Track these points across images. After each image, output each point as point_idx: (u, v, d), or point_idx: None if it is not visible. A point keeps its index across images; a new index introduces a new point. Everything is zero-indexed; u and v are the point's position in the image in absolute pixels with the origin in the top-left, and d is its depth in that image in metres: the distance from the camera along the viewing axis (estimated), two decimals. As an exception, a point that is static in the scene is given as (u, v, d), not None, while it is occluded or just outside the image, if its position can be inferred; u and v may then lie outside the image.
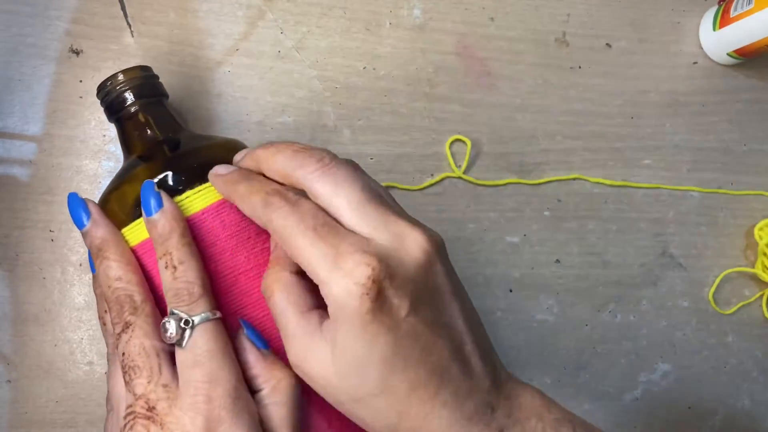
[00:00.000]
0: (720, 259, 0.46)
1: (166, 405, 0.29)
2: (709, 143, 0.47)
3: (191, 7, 0.43)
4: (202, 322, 0.29)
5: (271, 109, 0.43)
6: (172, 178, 0.32)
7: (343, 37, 0.44)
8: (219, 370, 0.29)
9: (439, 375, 0.28)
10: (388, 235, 0.27)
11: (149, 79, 0.36)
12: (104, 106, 0.36)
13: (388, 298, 0.26)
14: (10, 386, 0.40)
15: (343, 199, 0.28)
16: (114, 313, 0.31)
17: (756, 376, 0.45)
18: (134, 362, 0.30)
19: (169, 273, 0.30)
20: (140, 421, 0.29)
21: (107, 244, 0.32)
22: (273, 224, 0.28)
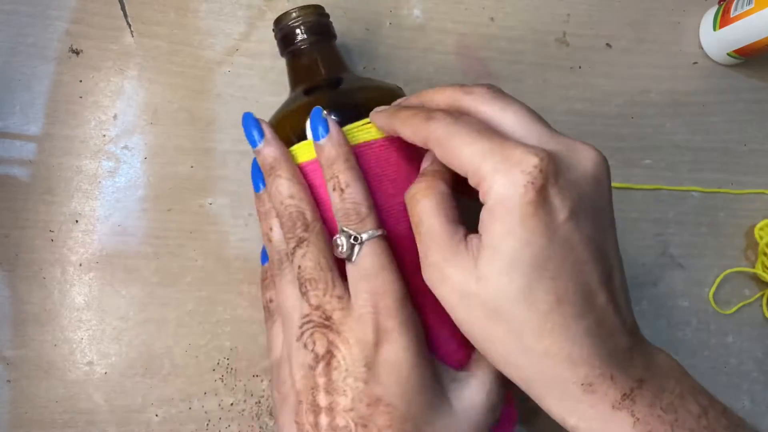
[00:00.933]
0: (720, 259, 0.46)
1: (340, 315, 0.31)
2: (709, 143, 0.47)
3: (191, 7, 0.43)
4: (370, 239, 0.31)
5: (271, 109, 0.43)
6: (331, 113, 0.34)
7: (343, 37, 0.44)
8: (385, 283, 0.31)
9: (587, 297, 0.26)
10: (558, 144, 0.27)
11: (322, 18, 0.38)
12: (278, 38, 0.38)
13: (551, 195, 0.25)
14: (10, 386, 0.40)
15: (511, 114, 0.28)
16: (286, 229, 0.33)
17: (756, 377, 0.45)
18: (310, 275, 0.31)
19: (337, 194, 0.32)
20: (318, 330, 0.31)
21: (279, 163, 0.33)
22: (433, 134, 0.29)
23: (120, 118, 0.42)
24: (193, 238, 0.41)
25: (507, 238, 0.26)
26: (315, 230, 0.32)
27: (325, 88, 0.36)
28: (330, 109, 0.34)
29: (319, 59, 0.37)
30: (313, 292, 0.31)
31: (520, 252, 0.25)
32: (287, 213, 0.33)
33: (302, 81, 0.37)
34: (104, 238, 0.41)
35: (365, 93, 0.36)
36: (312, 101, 0.35)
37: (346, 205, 0.31)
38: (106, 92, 0.42)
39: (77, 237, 0.41)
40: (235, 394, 0.40)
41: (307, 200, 0.33)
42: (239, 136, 0.42)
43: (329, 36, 0.38)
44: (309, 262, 0.32)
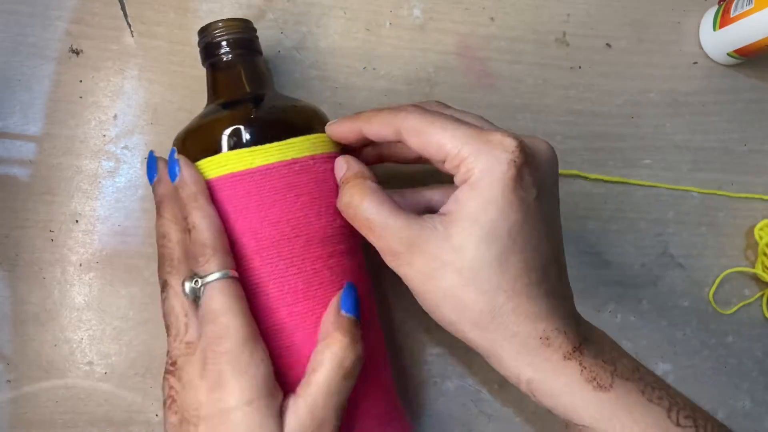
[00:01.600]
0: (720, 259, 0.46)
1: (184, 360, 0.31)
2: (709, 143, 0.47)
3: (191, 7, 0.43)
4: (213, 281, 0.31)
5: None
6: (247, 130, 0.33)
7: (343, 37, 0.44)
8: (227, 326, 0.30)
9: (545, 267, 0.30)
10: (516, 136, 0.30)
11: (248, 33, 0.37)
12: (201, 48, 0.37)
13: (526, 175, 0.29)
14: (10, 386, 0.40)
15: (470, 116, 0.32)
16: (159, 269, 0.33)
17: (756, 376, 0.45)
18: (167, 320, 0.32)
19: (187, 236, 0.32)
20: (166, 375, 0.32)
21: (163, 203, 0.34)
22: (408, 123, 0.31)
23: (120, 118, 0.42)
24: (193, 238, 0.41)
25: (488, 210, 0.29)
26: (179, 273, 0.32)
27: (245, 104, 0.35)
28: (249, 126, 0.33)
29: (243, 74, 0.36)
30: (168, 338, 0.32)
31: (498, 223, 0.29)
32: (160, 253, 0.33)
33: (222, 94, 0.36)
34: (104, 238, 0.41)
35: (287, 112, 0.35)
36: (231, 115, 0.34)
37: (193, 247, 0.31)
38: (106, 92, 0.42)
39: (77, 237, 0.41)
40: (235, 394, 0.40)
41: (179, 241, 0.32)
42: (239, 136, 0.42)
43: (254, 51, 0.37)
44: (167, 306, 0.32)
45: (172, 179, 0.33)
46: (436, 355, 0.43)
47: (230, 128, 0.33)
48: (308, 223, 0.33)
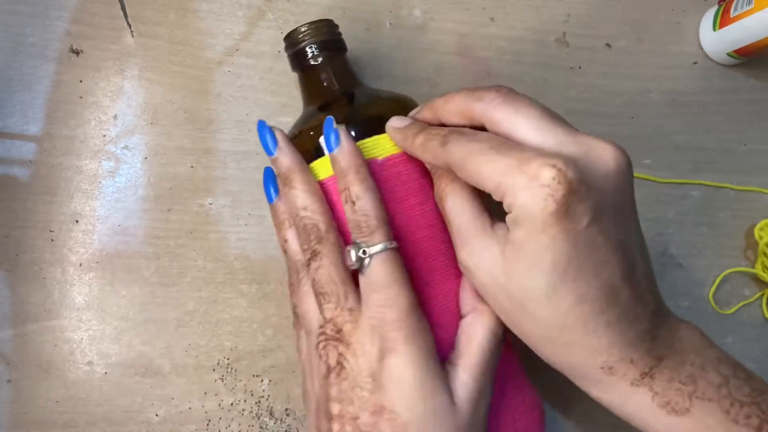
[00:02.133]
0: (720, 259, 0.46)
1: (350, 327, 0.31)
2: (709, 143, 0.47)
3: (191, 7, 0.43)
4: (378, 252, 0.31)
5: (271, 109, 0.43)
6: (347, 129, 0.34)
7: (344, 37, 0.44)
8: (394, 295, 0.31)
9: (609, 294, 0.28)
10: (576, 146, 0.27)
11: (333, 34, 0.37)
12: (289, 54, 0.37)
13: (572, 203, 0.26)
14: (10, 386, 0.40)
15: (524, 119, 0.28)
16: (301, 241, 0.33)
17: (756, 376, 0.45)
18: (323, 288, 0.32)
19: (349, 206, 0.32)
20: (331, 342, 0.32)
21: (294, 173, 0.34)
22: (452, 157, 0.29)
23: (120, 118, 0.42)
24: (193, 238, 0.41)
25: (531, 242, 0.27)
26: (329, 242, 0.32)
27: (340, 104, 0.36)
28: (347, 125, 0.34)
29: (332, 74, 0.37)
30: (326, 305, 0.32)
31: (542, 256, 0.27)
32: (302, 225, 0.33)
33: (316, 97, 0.37)
34: (104, 238, 0.41)
35: (380, 107, 0.36)
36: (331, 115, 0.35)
37: (357, 217, 0.32)
38: (106, 92, 0.42)
39: (77, 237, 0.41)
40: (235, 394, 0.40)
41: (322, 212, 0.33)
42: (239, 136, 0.42)
43: (341, 50, 0.38)
44: (322, 275, 0.32)
45: (329, 150, 0.33)
46: (436, 355, 0.43)
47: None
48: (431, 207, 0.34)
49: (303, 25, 0.36)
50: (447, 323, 0.33)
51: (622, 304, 0.28)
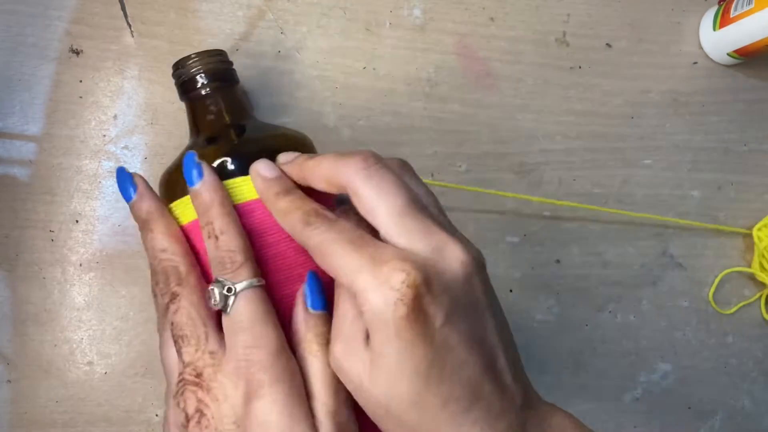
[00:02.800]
0: (720, 259, 0.46)
1: (211, 371, 0.30)
2: (709, 143, 0.47)
3: (191, 7, 0.43)
4: (245, 289, 0.30)
5: (271, 109, 0.43)
6: (233, 162, 0.33)
7: (343, 37, 0.44)
8: (260, 335, 0.30)
9: (472, 391, 0.27)
10: (427, 246, 0.27)
11: (224, 64, 0.36)
12: (177, 84, 0.36)
13: (423, 306, 0.26)
14: (10, 386, 0.40)
15: (384, 208, 0.28)
16: (161, 285, 0.32)
17: (756, 376, 0.45)
18: (182, 331, 0.31)
19: (212, 242, 0.31)
20: (189, 387, 0.30)
21: (152, 217, 0.33)
22: (311, 242, 0.29)
23: (120, 118, 0.42)
24: (193, 238, 0.41)
25: (389, 350, 0.27)
26: (189, 284, 0.31)
27: (227, 136, 0.35)
28: (235, 159, 0.33)
29: (222, 106, 0.36)
30: (185, 349, 0.30)
31: (402, 362, 0.26)
32: (160, 268, 0.32)
33: (203, 129, 0.36)
34: (104, 238, 0.41)
35: (271, 141, 0.35)
36: (215, 150, 0.34)
37: (220, 253, 0.30)
38: (106, 92, 0.42)
39: (77, 237, 0.41)
40: (235, 394, 0.40)
41: (182, 253, 0.32)
42: (239, 136, 0.42)
43: (232, 81, 0.36)
44: (180, 317, 0.31)
45: (191, 184, 0.32)
46: (436, 355, 0.43)
47: (216, 162, 0.33)
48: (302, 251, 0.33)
49: (194, 54, 0.35)
50: None
51: (486, 398, 0.28)
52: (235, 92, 0.37)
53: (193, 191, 0.32)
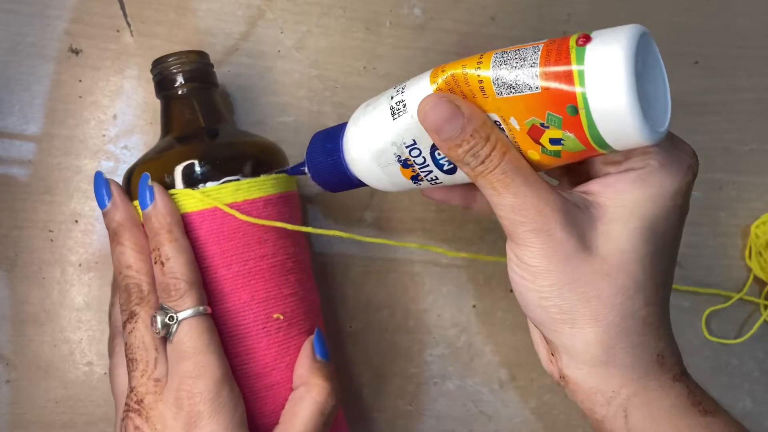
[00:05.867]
0: (720, 259, 0.46)
1: (152, 399, 0.29)
2: (709, 143, 0.47)
3: (191, 7, 0.43)
4: (187, 317, 0.30)
5: (271, 109, 0.43)
6: (201, 165, 0.33)
7: (343, 37, 0.44)
8: (203, 365, 0.29)
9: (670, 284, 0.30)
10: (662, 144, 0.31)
11: (203, 66, 0.36)
12: (155, 81, 0.36)
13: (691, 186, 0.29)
14: (9, 386, 0.40)
15: None
16: (122, 300, 0.31)
17: (757, 377, 0.45)
18: (133, 354, 0.30)
19: (159, 268, 0.31)
20: (130, 414, 0.30)
21: (123, 229, 0.32)
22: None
23: (119, 118, 0.42)
24: (192, 238, 0.41)
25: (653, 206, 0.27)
26: (149, 305, 0.31)
27: (199, 138, 0.35)
28: (203, 161, 0.33)
29: (197, 107, 0.36)
30: (133, 373, 0.30)
31: (659, 222, 0.27)
32: (124, 284, 0.32)
33: (176, 128, 0.36)
34: (104, 238, 0.41)
35: (242, 147, 0.35)
36: (185, 150, 0.34)
37: (166, 279, 0.30)
38: (106, 92, 0.42)
39: (77, 237, 0.41)
40: (235, 395, 0.40)
41: (147, 272, 0.31)
42: (239, 136, 0.42)
43: (210, 84, 0.36)
44: (134, 339, 0.30)
45: (143, 207, 0.32)
46: (436, 355, 0.43)
47: (185, 163, 0.33)
48: (269, 257, 0.33)
49: (175, 53, 0.35)
50: (265, 394, 0.32)
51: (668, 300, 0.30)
52: (212, 95, 0.37)
53: (145, 214, 0.32)
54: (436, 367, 0.43)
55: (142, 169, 0.33)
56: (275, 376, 0.33)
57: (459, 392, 0.43)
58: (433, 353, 0.43)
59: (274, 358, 0.33)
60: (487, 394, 0.43)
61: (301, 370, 0.32)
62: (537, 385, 0.44)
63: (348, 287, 0.42)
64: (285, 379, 0.33)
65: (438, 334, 0.43)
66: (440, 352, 0.43)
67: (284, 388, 0.33)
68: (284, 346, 0.33)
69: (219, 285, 0.32)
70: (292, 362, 0.33)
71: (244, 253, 0.32)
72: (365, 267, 0.42)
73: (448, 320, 0.43)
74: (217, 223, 0.32)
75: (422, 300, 0.43)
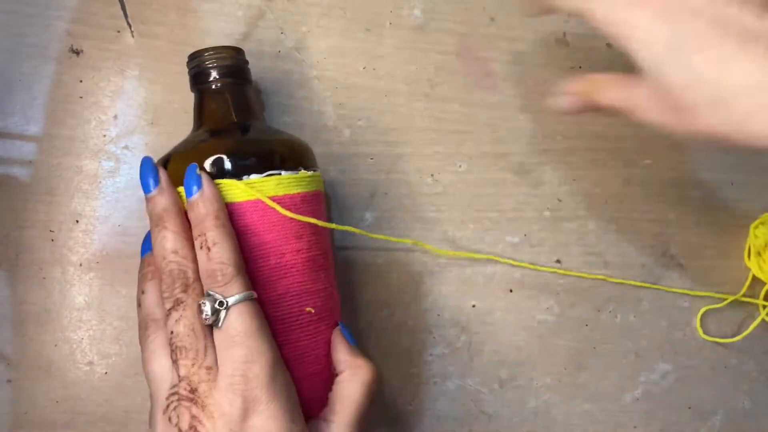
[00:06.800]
0: (720, 259, 0.46)
1: (207, 387, 0.29)
2: (709, 143, 0.46)
3: (191, 7, 0.43)
4: (237, 302, 0.30)
5: (271, 109, 0.43)
6: (231, 160, 0.33)
7: (343, 37, 0.44)
8: (256, 350, 0.29)
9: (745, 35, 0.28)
10: None
11: (239, 62, 0.37)
12: (190, 75, 0.37)
13: None
14: (10, 386, 0.40)
15: None
16: (165, 287, 0.31)
17: (756, 376, 0.45)
18: (182, 342, 0.30)
19: (204, 254, 0.30)
20: (183, 403, 0.29)
21: (169, 215, 0.32)
22: None
23: (120, 118, 0.42)
24: (193, 238, 0.41)
25: None
26: (195, 292, 0.30)
27: (232, 133, 0.35)
28: (234, 155, 0.33)
29: (231, 102, 0.36)
30: (182, 362, 0.30)
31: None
32: (168, 269, 0.31)
33: (209, 121, 0.36)
34: (104, 238, 0.41)
35: (273, 145, 0.35)
36: (218, 144, 0.34)
37: (212, 266, 0.30)
38: (106, 92, 0.42)
39: (77, 237, 0.41)
40: (235, 394, 0.40)
41: (193, 258, 0.31)
42: (239, 136, 0.42)
43: (244, 80, 0.37)
44: (182, 327, 0.30)
45: (188, 194, 0.32)
46: (436, 355, 0.43)
47: (227, 155, 0.33)
48: (304, 252, 0.34)
49: (212, 47, 0.36)
50: (311, 378, 0.33)
51: None
52: (246, 91, 0.37)
53: (190, 202, 0.32)
54: (436, 367, 0.43)
55: (179, 158, 0.34)
56: (305, 368, 0.33)
57: (459, 392, 0.43)
58: (433, 353, 0.43)
59: (304, 351, 0.33)
60: (487, 394, 0.43)
61: (342, 356, 0.33)
62: (537, 385, 0.44)
63: (348, 287, 0.42)
64: (313, 371, 0.33)
65: (438, 334, 0.43)
66: (440, 352, 0.43)
67: (312, 380, 0.33)
68: (313, 339, 0.33)
69: (256, 276, 0.32)
70: (320, 355, 0.34)
71: (282, 246, 0.33)
72: (366, 267, 0.43)
73: (448, 320, 0.43)
74: (258, 215, 0.32)
75: (422, 300, 0.43)
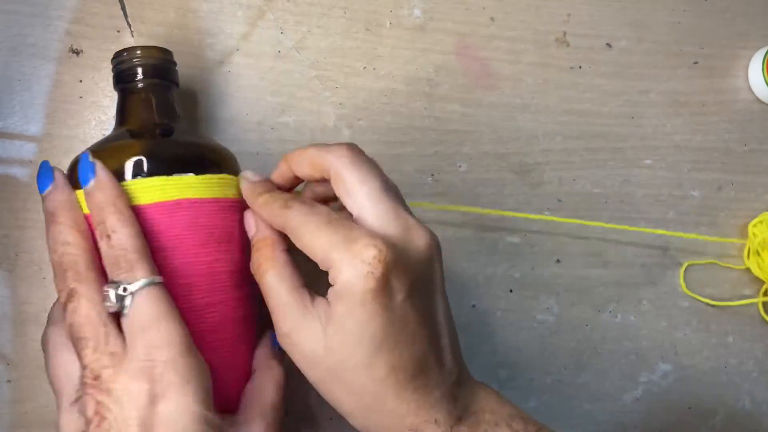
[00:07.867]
0: (720, 259, 0.46)
1: (111, 372, 0.28)
2: (709, 143, 0.47)
3: (191, 7, 0.43)
4: (142, 287, 0.29)
5: (271, 109, 0.43)
6: (150, 161, 0.32)
7: (343, 37, 0.44)
8: (165, 332, 0.29)
9: (418, 362, 0.30)
10: (397, 227, 0.30)
11: (165, 63, 0.36)
12: (113, 73, 0.36)
13: (389, 280, 0.29)
14: (10, 386, 0.40)
15: (365, 191, 0.31)
16: (57, 281, 0.30)
17: (756, 377, 0.45)
18: (80, 333, 0.29)
19: (105, 242, 0.30)
20: (87, 391, 0.29)
21: (61, 210, 0.31)
22: (290, 222, 0.31)
23: (120, 118, 0.42)
24: (193, 238, 0.41)
25: (351, 318, 0.29)
26: (88, 280, 0.30)
27: (152, 134, 0.35)
28: (151, 158, 0.32)
29: (154, 103, 0.35)
30: (84, 351, 0.29)
31: (362, 329, 0.29)
32: (59, 262, 0.30)
33: (130, 121, 0.35)
34: (104, 238, 0.41)
35: (194, 148, 0.35)
36: (136, 145, 0.33)
37: (114, 252, 0.29)
38: (106, 92, 0.42)
39: (77, 237, 0.41)
40: (235, 394, 0.40)
41: (84, 248, 0.30)
42: (239, 136, 0.42)
43: (170, 82, 0.36)
44: (79, 317, 0.29)
45: (84, 183, 0.31)
46: (436, 355, 0.43)
47: (137, 157, 0.32)
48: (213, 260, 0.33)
49: (138, 47, 0.35)
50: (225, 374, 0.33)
51: (429, 370, 0.31)
52: (171, 94, 0.37)
53: (87, 191, 0.31)
54: (435, 367, 0.43)
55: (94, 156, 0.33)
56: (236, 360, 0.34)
57: (459, 392, 0.43)
58: (433, 353, 0.43)
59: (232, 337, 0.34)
60: (486, 394, 0.43)
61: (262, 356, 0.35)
62: (536, 385, 0.44)
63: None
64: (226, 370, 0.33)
65: (438, 333, 0.43)
66: (440, 352, 0.43)
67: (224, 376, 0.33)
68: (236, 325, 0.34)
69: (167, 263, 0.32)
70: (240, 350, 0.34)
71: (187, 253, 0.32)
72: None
73: (447, 320, 0.43)
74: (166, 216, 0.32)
75: (422, 300, 0.43)
